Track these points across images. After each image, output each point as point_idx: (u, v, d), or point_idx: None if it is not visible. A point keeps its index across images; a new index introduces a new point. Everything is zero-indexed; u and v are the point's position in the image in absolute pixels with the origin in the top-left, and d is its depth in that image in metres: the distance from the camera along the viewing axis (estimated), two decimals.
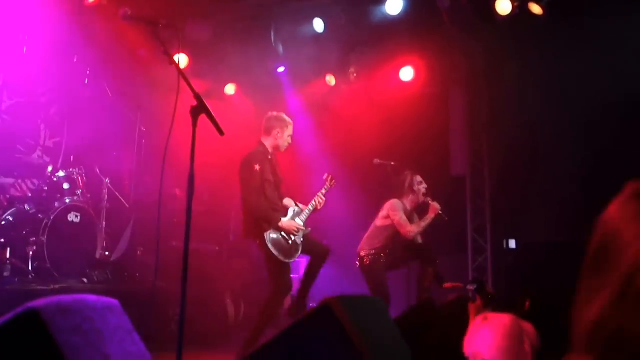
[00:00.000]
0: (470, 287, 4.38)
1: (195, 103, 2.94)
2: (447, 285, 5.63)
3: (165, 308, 5.72)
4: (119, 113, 7.16)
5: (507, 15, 6.41)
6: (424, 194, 5.82)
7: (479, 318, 2.24)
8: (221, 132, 2.97)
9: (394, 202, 5.77)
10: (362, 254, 5.77)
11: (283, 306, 7.11)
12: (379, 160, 6.16)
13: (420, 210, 5.92)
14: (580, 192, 6.12)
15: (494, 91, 7.37)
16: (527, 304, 4.18)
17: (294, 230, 5.04)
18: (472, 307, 4.60)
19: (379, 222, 5.83)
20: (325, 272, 7.36)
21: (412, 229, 5.65)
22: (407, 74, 7.58)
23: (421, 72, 7.59)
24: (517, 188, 7.09)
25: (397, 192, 5.86)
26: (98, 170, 6.47)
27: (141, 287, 5.94)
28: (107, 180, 6.48)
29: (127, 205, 6.82)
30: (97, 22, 6.76)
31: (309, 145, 7.82)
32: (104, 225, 6.26)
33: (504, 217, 7.42)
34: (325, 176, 5.44)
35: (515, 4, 6.38)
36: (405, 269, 6.04)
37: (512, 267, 5.49)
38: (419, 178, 5.86)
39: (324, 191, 5.30)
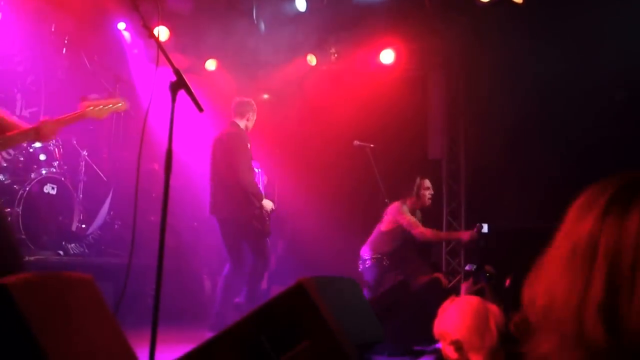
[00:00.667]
0: (469, 268, 4.43)
1: (174, 78, 2.91)
2: (440, 275, 5.65)
3: (141, 283, 5.73)
4: (97, 85, 7.05)
5: (488, 1, 6.43)
6: (429, 199, 5.77)
7: (448, 300, 2.31)
8: (200, 109, 2.95)
9: (398, 206, 5.68)
10: (365, 257, 5.68)
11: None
12: (358, 142, 6.18)
13: (424, 212, 5.90)
14: (554, 180, 6.22)
15: (473, 76, 7.40)
16: (508, 281, 4.26)
17: (269, 209, 5.33)
18: (463, 287, 4.68)
19: (384, 227, 5.70)
20: (301, 256, 7.42)
21: (426, 232, 5.56)
22: (387, 56, 7.54)
23: (401, 54, 7.56)
24: (492, 173, 7.17)
25: (402, 194, 5.78)
26: (75, 143, 6.38)
27: (118, 261, 5.93)
28: (85, 152, 6.41)
29: (105, 179, 6.76)
30: None
31: (287, 125, 7.79)
32: (80, 198, 6.21)
33: (478, 201, 7.50)
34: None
35: None
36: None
37: (484, 251, 5.59)
38: (427, 183, 5.79)
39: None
